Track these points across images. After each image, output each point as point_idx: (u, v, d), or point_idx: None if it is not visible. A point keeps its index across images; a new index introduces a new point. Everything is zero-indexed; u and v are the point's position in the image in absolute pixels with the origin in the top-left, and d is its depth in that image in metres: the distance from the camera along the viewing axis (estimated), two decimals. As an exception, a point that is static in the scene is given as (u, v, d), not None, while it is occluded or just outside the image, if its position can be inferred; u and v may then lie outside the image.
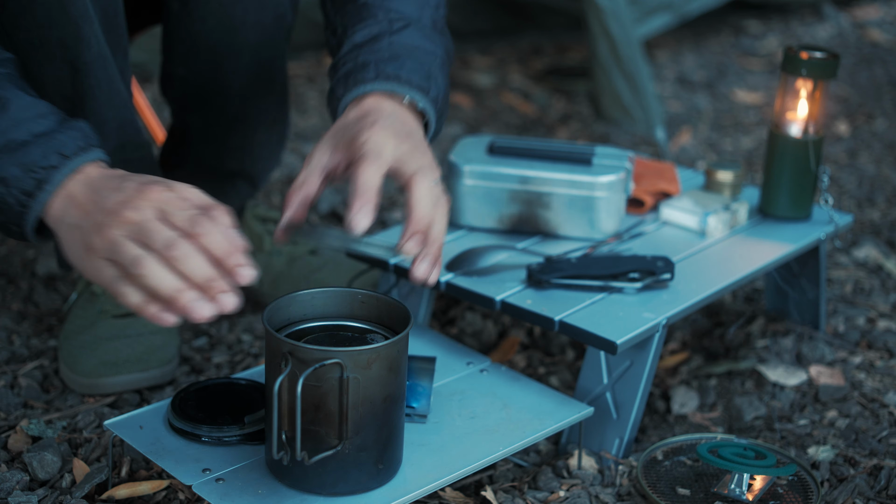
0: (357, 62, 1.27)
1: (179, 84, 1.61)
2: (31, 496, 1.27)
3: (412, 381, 1.35)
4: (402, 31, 1.31)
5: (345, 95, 1.26)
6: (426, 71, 1.28)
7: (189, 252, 1.03)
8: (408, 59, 1.27)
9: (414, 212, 1.12)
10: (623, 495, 1.35)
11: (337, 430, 1.11)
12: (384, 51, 1.28)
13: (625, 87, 2.51)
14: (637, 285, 1.46)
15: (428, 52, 1.31)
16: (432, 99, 1.28)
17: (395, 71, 1.25)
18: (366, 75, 1.25)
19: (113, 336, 1.52)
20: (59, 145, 1.11)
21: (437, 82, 1.29)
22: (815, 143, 1.65)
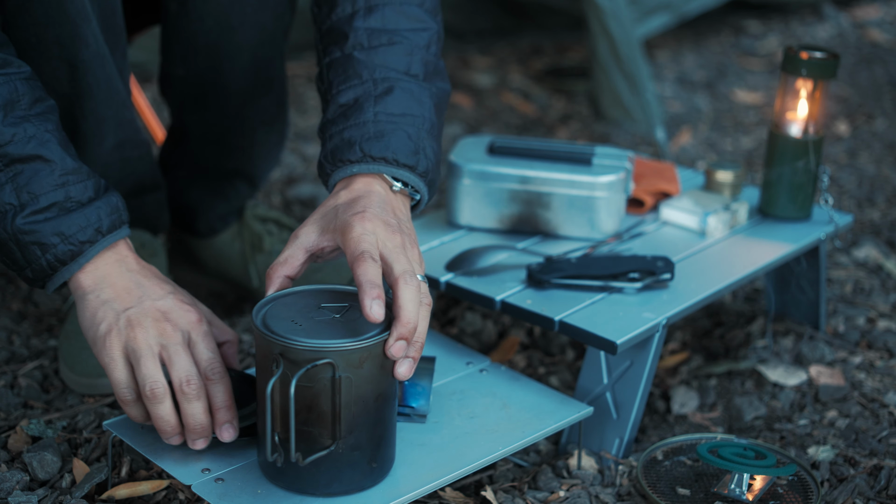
0: (343, 138, 1.27)
1: (178, 84, 1.61)
2: (31, 496, 1.27)
3: (412, 381, 1.35)
4: (387, 96, 1.28)
5: (333, 174, 1.27)
6: (414, 144, 1.27)
7: (198, 394, 1.16)
8: (393, 134, 1.26)
9: (400, 316, 1.13)
10: (623, 495, 1.35)
11: (330, 430, 1.11)
12: (369, 125, 1.26)
13: (625, 87, 2.51)
14: (637, 285, 1.46)
15: (415, 119, 1.28)
16: (421, 174, 1.27)
17: (381, 153, 1.25)
18: (351, 156, 1.26)
19: None
20: (96, 221, 1.20)
21: (426, 153, 1.28)
22: (815, 143, 1.65)
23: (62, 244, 1.18)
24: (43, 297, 1.74)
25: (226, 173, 1.69)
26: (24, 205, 1.17)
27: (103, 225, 1.20)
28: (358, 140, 1.26)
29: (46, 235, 1.18)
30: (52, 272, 1.19)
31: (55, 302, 1.73)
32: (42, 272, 1.19)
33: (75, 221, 1.18)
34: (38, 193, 1.17)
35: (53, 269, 1.19)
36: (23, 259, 1.19)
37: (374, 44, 1.31)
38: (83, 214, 1.19)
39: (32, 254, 1.18)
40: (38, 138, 1.18)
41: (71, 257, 1.19)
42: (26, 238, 1.17)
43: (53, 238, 1.18)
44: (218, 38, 1.52)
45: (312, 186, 2.21)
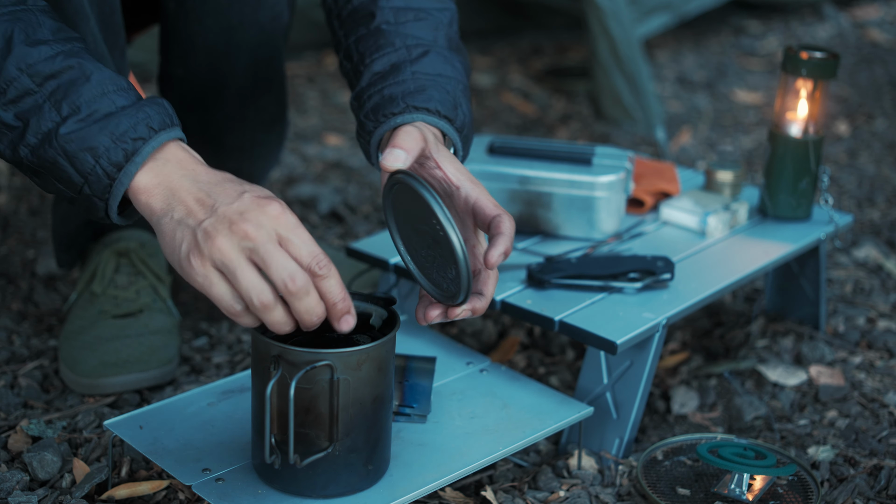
0: (383, 95, 1.27)
1: (177, 84, 1.61)
2: (31, 496, 1.27)
3: (412, 382, 1.35)
4: (422, 58, 1.30)
5: (376, 129, 1.26)
6: (452, 100, 1.28)
7: (309, 289, 1.04)
8: (433, 89, 1.27)
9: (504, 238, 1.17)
10: (623, 495, 1.35)
11: (328, 432, 1.11)
12: (409, 82, 1.27)
13: (625, 87, 2.51)
14: (637, 285, 1.46)
15: (450, 79, 1.31)
16: (458, 128, 1.29)
17: (424, 103, 1.25)
18: (395, 109, 1.25)
19: (113, 336, 1.52)
20: (146, 118, 1.10)
21: (463, 109, 1.29)
22: (815, 143, 1.65)
23: (114, 145, 1.08)
24: (43, 296, 1.74)
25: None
26: (65, 117, 1.08)
27: (153, 122, 1.10)
28: (399, 95, 1.26)
29: (95, 137, 1.08)
30: (111, 181, 1.09)
31: (55, 302, 1.73)
32: (100, 183, 1.09)
33: (123, 121, 1.09)
34: (79, 103, 1.09)
35: (111, 177, 1.08)
36: (77, 174, 1.09)
37: (401, 20, 1.33)
38: (130, 114, 1.09)
39: (85, 163, 1.08)
40: (67, 52, 1.11)
41: (125, 158, 1.08)
42: (74, 147, 1.08)
43: (104, 139, 1.08)
44: (217, 38, 1.52)
45: (312, 186, 2.21)
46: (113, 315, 1.55)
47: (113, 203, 1.10)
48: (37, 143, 1.08)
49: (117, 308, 1.55)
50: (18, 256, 1.87)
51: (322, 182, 2.25)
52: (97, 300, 1.57)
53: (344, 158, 2.38)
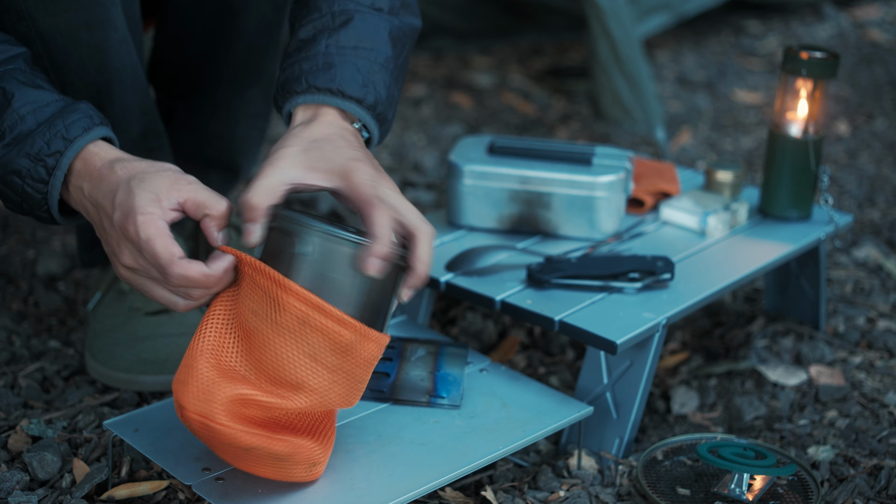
0: (293, 71, 1.26)
1: (169, 69, 1.61)
2: (31, 496, 1.27)
3: (443, 371, 1.36)
4: (343, 28, 1.27)
5: (283, 106, 1.27)
6: (362, 77, 1.25)
7: (192, 294, 1.14)
8: (341, 66, 1.24)
9: (417, 270, 1.16)
10: (623, 495, 1.35)
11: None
12: (318, 57, 1.25)
13: (625, 87, 2.51)
14: (637, 285, 1.46)
15: (368, 52, 1.27)
16: (368, 107, 1.26)
17: (326, 83, 1.23)
18: (297, 87, 1.24)
19: (150, 335, 1.51)
20: (60, 130, 1.15)
21: (375, 87, 1.26)
22: (815, 143, 1.65)
23: (33, 164, 1.15)
24: (43, 296, 1.74)
25: (202, 161, 1.69)
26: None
27: (69, 131, 1.16)
28: (306, 72, 1.25)
29: (16, 160, 1.15)
30: (42, 195, 1.16)
31: (55, 302, 1.73)
32: (33, 199, 1.17)
33: (37, 140, 1.15)
34: (3, 129, 1.15)
35: (40, 192, 1.16)
36: (14, 194, 1.17)
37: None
38: (43, 131, 1.15)
39: (14, 184, 1.16)
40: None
41: (48, 174, 1.15)
42: (2, 171, 1.16)
43: (23, 161, 1.15)
44: (216, 24, 1.52)
45: (312, 186, 2.21)
46: (145, 312, 1.54)
47: (53, 212, 1.18)
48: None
49: (148, 305, 1.54)
50: (18, 256, 1.87)
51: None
52: (126, 298, 1.56)
53: (344, 158, 2.38)
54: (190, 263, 1.11)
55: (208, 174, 1.71)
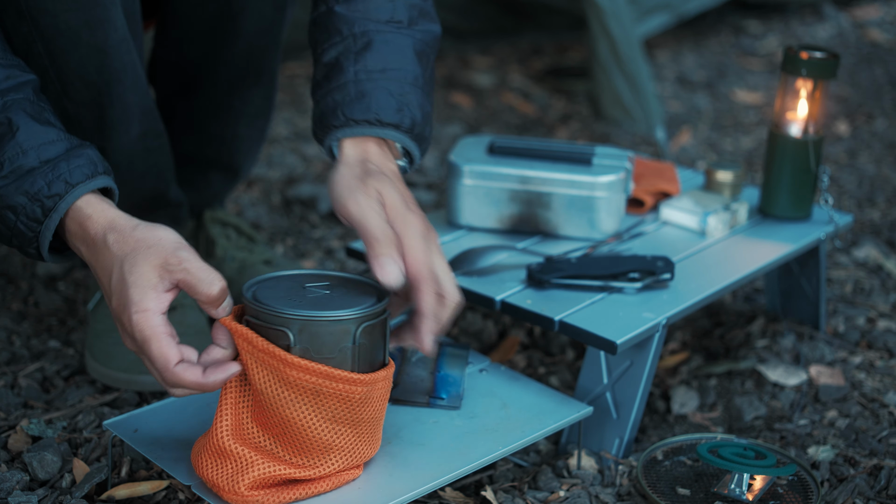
0: (327, 103, 1.26)
1: (169, 69, 1.61)
2: (31, 496, 1.27)
3: (444, 372, 1.36)
4: (366, 52, 1.26)
5: (324, 139, 1.27)
6: (396, 102, 1.25)
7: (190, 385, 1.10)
8: (374, 93, 1.24)
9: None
10: (623, 495, 1.35)
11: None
12: (350, 86, 1.25)
13: (625, 87, 2.51)
14: (637, 285, 1.46)
15: (397, 72, 1.26)
16: (406, 130, 1.25)
17: (363, 115, 1.23)
18: (335, 121, 1.24)
19: None
20: (64, 173, 1.13)
21: (410, 108, 1.25)
22: (815, 143, 1.65)
23: (30, 203, 1.12)
24: (43, 296, 1.74)
25: (202, 162, 1.69)
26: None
27: (72, 176, 1.13)
28: (340, 103, 1.24)
29: (13, 196, 1.12)
30: (34, 234, 1.14)
31: (55, 302, 1.73)
32: (24, 237, 1.14)
33: (38, 179, 1.12)
34: (3, 160, 1.13)
35: (33, 230, 1.13)
36: (5, 229, 1.15)
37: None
38: (46, 171, 1.13)
39: (7, 220, 1.14)
40: (1, 106, 1.14)
41: (43, 214, 1.13)
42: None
43: (20, 198, 1.12)
44: (216, 24, 1.52)
45: (312, 186, 2.21)
46: None
47: (43, 252, 1.15)
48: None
49: None
50: (18, 256, 1.87)
51: (322, 182, 2.25)
52: None
53: (344, 158, 2.38)
54: (185, 370, 1.08)
55: (208, 174, 1.71)
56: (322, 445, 1.13)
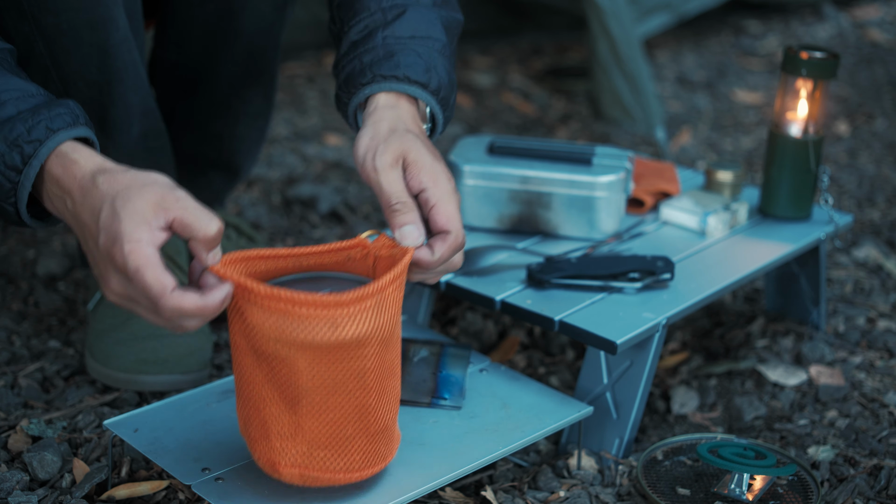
0: (354, 66, 1.26)
1: (169, 69, 1.61)
2: (31, 496, 1.27)
3: (445, 372, 1.36)
4: (396, 21, 1.28)
5: (350, 101, 1.27)
6: (424, 63, 1.26)
7: (184, 321, 1.06)
8: (402, 53, 1.26)
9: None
10: (623, 495, 1.35)
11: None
12: (378, 49, 1.26)
13: (625, 87, 2.51)
14: (637, 285, 1.46)
15: (425, 40, 1.28)
16: (433, 91, 1.27)
17: (391, 71, 1.24)
18: (362, 79, 1.25)
19: (150, 335, 1.51)
20: (45, 119, 1.09)
21: (437, 71, 1.27)
22: (815, 143, 1.65)
23: (11, 151, 1.07)
24: (43, 296, 1.74)
25: (203, 161, 1.69)
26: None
27: (54, 123, 1.09)
28: (368, 64, 1.25)
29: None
30: (13, 185, 1.08)
31: (55, 302, 1.73)
32: (3, 191, 1.09)
33: (18, 125, 1.08)
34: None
35: (11, 181, 1.08)
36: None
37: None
38: (26, 117, 1.09)
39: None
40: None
41: (23, 161, 1.08)
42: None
43: (0, 145, 1.08)
44: (216, 24, 1.52)
45: (312, 186, 2.21)
46: None
47: (20, 206, 1.10)
48: None
49: None
50: (18, 256, 1.87)
51: (322, 182, 2.25)
52: None
53: (344, 158, 2.38)
54: (183, 295, 1.03)
55: (208, 174, 1.72)
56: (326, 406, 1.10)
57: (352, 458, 1.13)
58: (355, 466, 1.13)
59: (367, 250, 1.15)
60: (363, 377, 1.09)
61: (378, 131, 1.20)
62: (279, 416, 1.10)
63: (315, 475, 1.12)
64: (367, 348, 1.08)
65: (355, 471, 1.13)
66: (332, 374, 1.08)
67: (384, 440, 1.15)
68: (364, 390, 1.10)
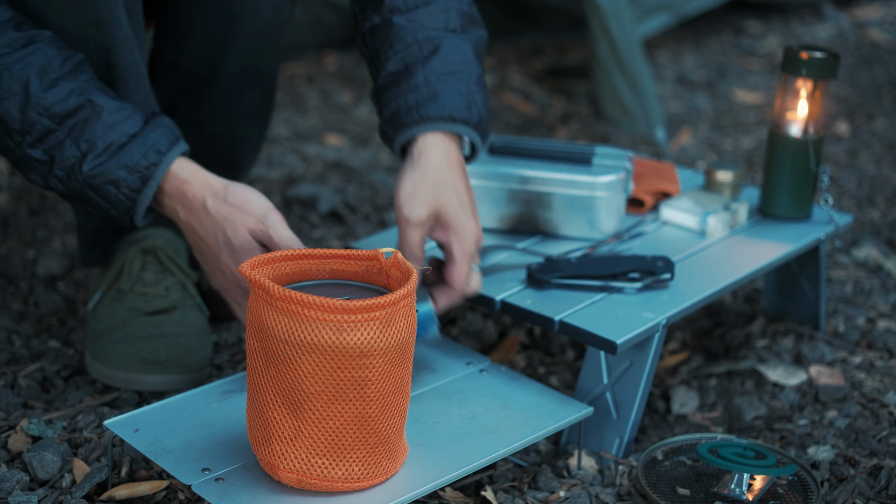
0: (399, 105, 1.36)
1: (169, 70, 1.61)
2: (31, 496, 1.27)
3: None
4: (434, 56, 1.37)
5: (395, 136, 1.38)
6: (465, 100, 1.37)
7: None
8: (446, 93, 1.36)
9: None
10: (623, 495, 1.35)
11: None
12: (422, 88, 1.36)
13: (625, 87, 2.51)
14: (637, 285, 1.46)
15: (462, 73, 1.38)
16: (474, 125, 1.38)
17: (438, 112, 1.35)
18: (409, 120, 1.36)
19: (149, 335, 1.51)
20: (153, 143, 1.29)
21: (477, 105, 1.38)
22: (815, 143, 1.65)
23: (130, 175, 1.28)
24: (43, 296, 1.74)
25: (202, 161, 1.68)
26: (85, 154, 1.27)
27: (160, 144, 1.29)
28: (414, 104, 1.36)
29: (114, 171, 1.27)
30: (133, 203, 1.29)
31: (55, 302, 1.73)
32: (123, 206, 1.29)
33: (134, 152, 1.28)
34: (94, 139, 1.27)
35: (132, 199, 1.29)
36: (104, 202, 1.29)
37: (411, 5, 1.40)
38: (139, 143, 1.28)
39: (109, 193, 1.28)
40: (77, 90, 1.27)
41: (143, 183, 1.29)
42: (98, 181, 1.28)
43: (121, 172, 1.28)
44: (216, 25, 1.53)
45: (312, 186, 2.21)
46: (145, 312, 1.53)
47: (137, 218, 1.31)
48: (63, 175, 1.28)
49: (148, 305, 1.54)
50: (18, 256, 1.87)
51: (322, 182, 2.25)
52: (126, 298, 1.55)
53: (344, 158, 2.38)
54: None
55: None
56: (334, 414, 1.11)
57: (350, 468, 1.13)
58: (354, 477, 1.14)
59: (381, 265, 1.17)
60: (364, 387, 1.10)
61: (423, 182, 1.34)
62: (281, 420, 1.12)
63: (313, 482, 1.13)
64: (371, 359, 1.09)
65: (354, 481, 1.14)
66: (333, 381, 1.09)
67: (386, 453, 1.16)
68: (364, 401, 1.11)
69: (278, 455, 1.13)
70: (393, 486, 1.17)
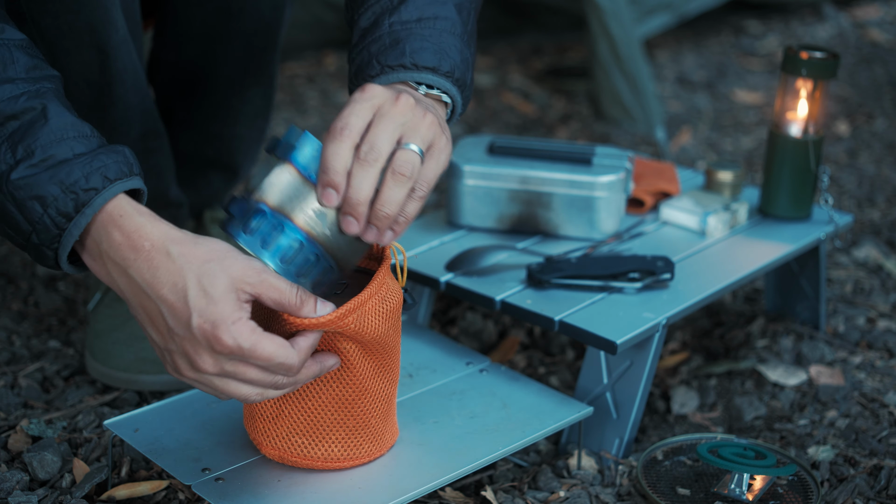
0: (363, 57, 1.21)
1: (168, 69, 1.61)
2: (31, 496, 1.27)
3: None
4: (402, 5, 1.21)
5: None
6: (433, 45, 1.19)
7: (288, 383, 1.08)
8: (408, 40, 1.19)
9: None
10: (623, 495, 1.35)
11: None
12: (384, 37, 1.20)
13: (625, 87, 2.51)
14: (637, 285, 1.46)
15: (433, 20, 1.21)
16: (445, 73, 1.19)
17: (397, 60, 1.18)
18: (371, 71, 1.19)
19: None
20: (101, 167, 1.04)
21: (448, 53, 1.19)
22: (815, 143, 1.65)
23: (63, 195, 1.02)
24: (43, 296, 1.74)
25: (202, 161, 1.69)
26: (18, 161, 1.03)
27: (109, 171, 1.04)
28: (375, 54, 1.19)
29: (45, 185, 1.02)
30: (59, 231, 1.03)
31: (55, 302, 1.73)
32: (48, 233, 1.03)
33: (76, 170, 1.03)
34: (34, 147, 1.03)
35: (59, 227, 1.03)
36: (26, 222, 1.03)
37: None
38: (84, 162, 1.04)
39: (33, 211, 1.03)
40: (31, 93, 1.06)
41: (75, 209, 1.03)
42: (23, 194, 1.02)
43: (52, 188, 1.02)
44: (215, 24, 1.53)
45: (312, 186, 2.21)
46: None
47: (63, 253, 1.05)
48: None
49: None
50: (18, 256, 1.87)
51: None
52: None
53: (344, 158, 2.38)
54: (295, 342, 1.05)
55: (208, 174, 1.72)
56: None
57: (329, 448, 1.17)
58: (333, 458, 1.18)
59: (371, 252, 1.19)
60: (342, 370, 1.14)
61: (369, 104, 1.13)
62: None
63: (293, 460, 1.18)
64: (347, 344, 1.12)
65: (334, 461, 1.18)
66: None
67: (368, 437, 1.19)
68: (342, 384, 1.15)
69: (262, 433, 1.18)
70: (393, 486, 1.17)
